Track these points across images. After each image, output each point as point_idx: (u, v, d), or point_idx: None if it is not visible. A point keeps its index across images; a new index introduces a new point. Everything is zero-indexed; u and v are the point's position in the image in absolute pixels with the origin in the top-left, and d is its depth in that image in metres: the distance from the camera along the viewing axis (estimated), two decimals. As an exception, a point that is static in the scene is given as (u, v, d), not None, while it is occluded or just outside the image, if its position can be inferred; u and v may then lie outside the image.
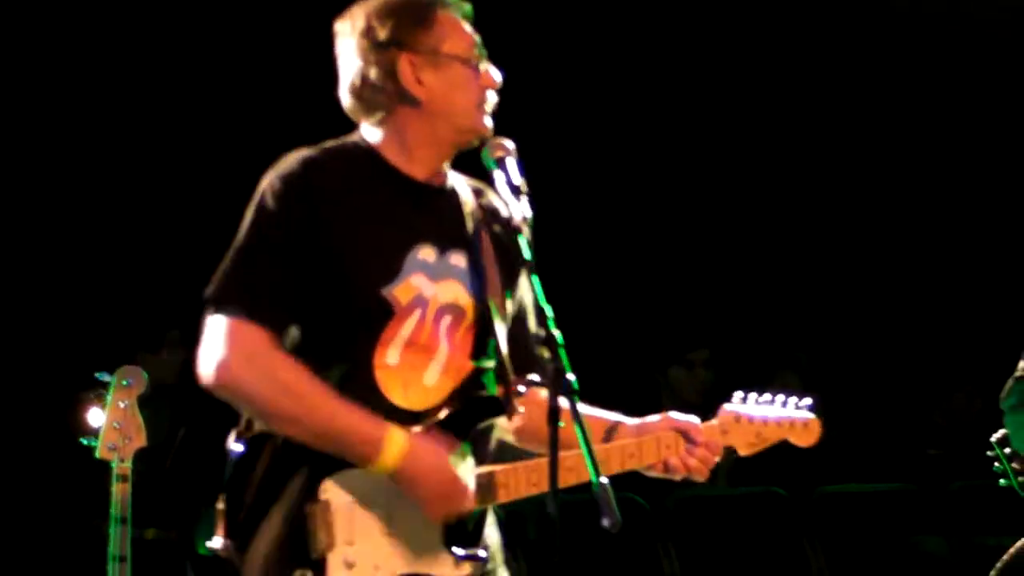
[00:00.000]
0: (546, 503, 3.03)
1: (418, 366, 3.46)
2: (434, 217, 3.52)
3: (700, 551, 7.58)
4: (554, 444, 3.04)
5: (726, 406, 3.76)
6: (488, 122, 3.53)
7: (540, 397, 3.50)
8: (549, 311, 3.08)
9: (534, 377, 3.37)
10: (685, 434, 3.64)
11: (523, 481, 3.45)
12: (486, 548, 3.47)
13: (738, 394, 3.78)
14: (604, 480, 2.94)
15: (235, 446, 3.40)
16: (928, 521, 7.98)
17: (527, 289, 3.62)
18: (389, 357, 3.44)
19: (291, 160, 3.48)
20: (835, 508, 7.85)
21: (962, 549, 7.86)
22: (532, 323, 3.64)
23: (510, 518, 3.72)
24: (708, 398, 7.77)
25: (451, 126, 3.53)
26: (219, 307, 3.40)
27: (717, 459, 3.66)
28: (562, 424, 3.03)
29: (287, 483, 3.38)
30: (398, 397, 3.43)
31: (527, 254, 3.20)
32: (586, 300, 7.87)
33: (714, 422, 3.73)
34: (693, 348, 8.03)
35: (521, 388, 3.45)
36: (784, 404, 3.81)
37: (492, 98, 3.55)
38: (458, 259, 3.53)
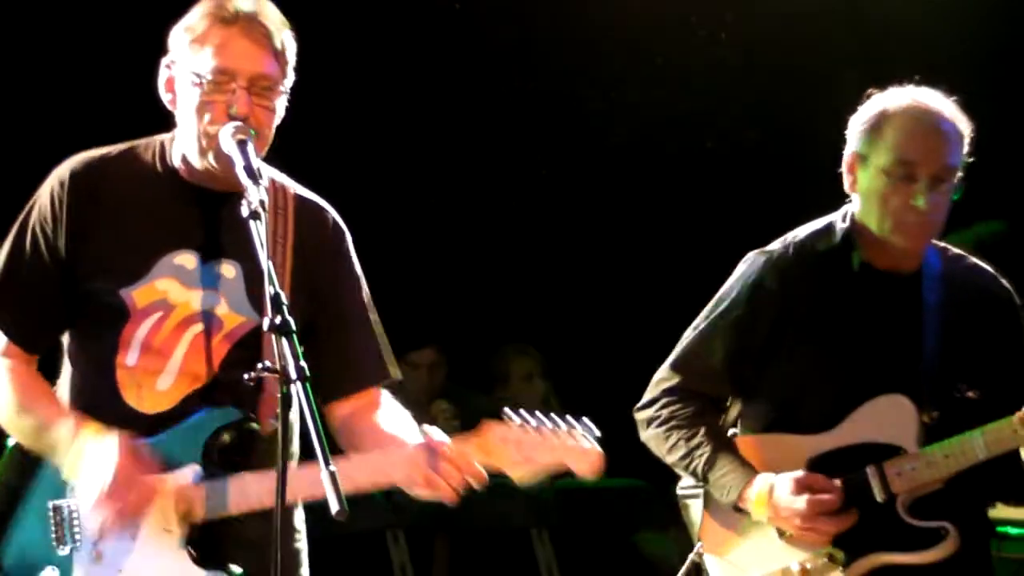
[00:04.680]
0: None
1: (153, 370, 3.47)
2: (207, 224, 3.47)
3: (426, 542, 7.61)
4: (285, 429, 3.07)
5: (493, 425, 3.43)
6: (213, 157, 3.40)
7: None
8: (284, 298, 3.07)
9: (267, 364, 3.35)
10: (432, 451, 3.38)
11: (266, 490, 3.33)
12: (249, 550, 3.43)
13: (510, 413, 3.42)
14: (332, 468, 2.95)
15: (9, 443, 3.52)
16: (657, 518, 8.12)
17: (351, 300, 3.65)
18: (128, 359, 3.47)
19: (69, 162, 3.52)
20: (567, 503, 7.94)
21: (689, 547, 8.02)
22: (354, 334, 3.63)
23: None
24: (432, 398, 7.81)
25: (194, 143, 3.46)
26: None
27: (468, 479, 3.38)
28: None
29: (38, 482, 3.47)
30: (132, 399, 3.47)
31: (262, 238, 3.15)
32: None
33: (471, 440, 3.42)
34: (417, 347, 7.86)
35: (248, 377, 3.34)
36: (564, 426, 3.41)
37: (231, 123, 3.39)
38: (226, 269, 3.49)
